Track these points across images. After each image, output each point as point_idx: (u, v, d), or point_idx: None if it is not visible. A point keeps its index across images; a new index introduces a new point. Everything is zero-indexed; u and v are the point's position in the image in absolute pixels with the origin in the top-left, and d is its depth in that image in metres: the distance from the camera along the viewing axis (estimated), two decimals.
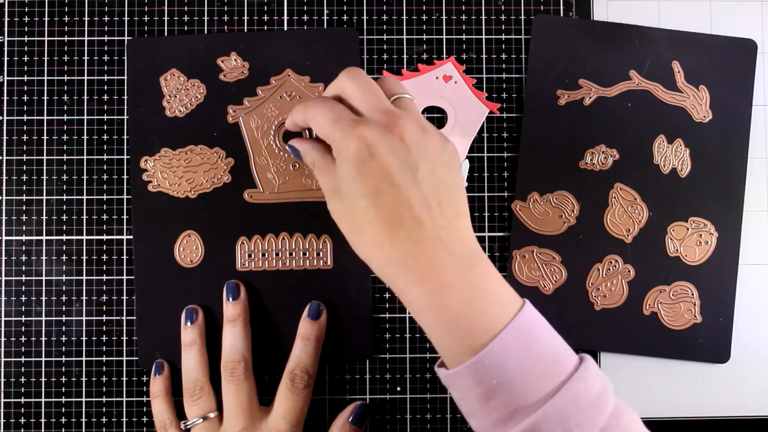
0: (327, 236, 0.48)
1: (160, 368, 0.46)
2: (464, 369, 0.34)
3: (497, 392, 0.33)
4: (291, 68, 0.48)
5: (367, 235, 0.35)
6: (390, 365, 0.48)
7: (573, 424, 0.32)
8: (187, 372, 0.45)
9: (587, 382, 0.33)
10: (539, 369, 0.33)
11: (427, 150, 0.36)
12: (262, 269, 0.47)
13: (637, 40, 0.48)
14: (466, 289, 0.34)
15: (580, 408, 0.33)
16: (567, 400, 0.33)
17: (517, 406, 0.33)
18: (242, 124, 0.48)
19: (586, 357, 0.35)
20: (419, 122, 0.37)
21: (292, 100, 0.48)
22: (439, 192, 0.36)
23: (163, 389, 0.46)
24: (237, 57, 0.48)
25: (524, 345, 0.34)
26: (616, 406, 0.34)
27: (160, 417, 0.45)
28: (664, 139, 0.48)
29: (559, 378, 0.33)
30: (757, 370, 0.48)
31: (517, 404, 0.33)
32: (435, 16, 0.49)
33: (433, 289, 0.34)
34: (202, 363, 0.45)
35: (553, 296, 0.48)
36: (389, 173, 0.35)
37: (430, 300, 0.34)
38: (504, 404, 0.33)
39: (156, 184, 0.47)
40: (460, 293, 0.34)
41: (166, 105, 0.48)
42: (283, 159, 0.48)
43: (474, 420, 0.36)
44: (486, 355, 0.33)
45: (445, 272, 0.34)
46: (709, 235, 0.48)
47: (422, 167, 0.35)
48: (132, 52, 0.48)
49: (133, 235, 0.47)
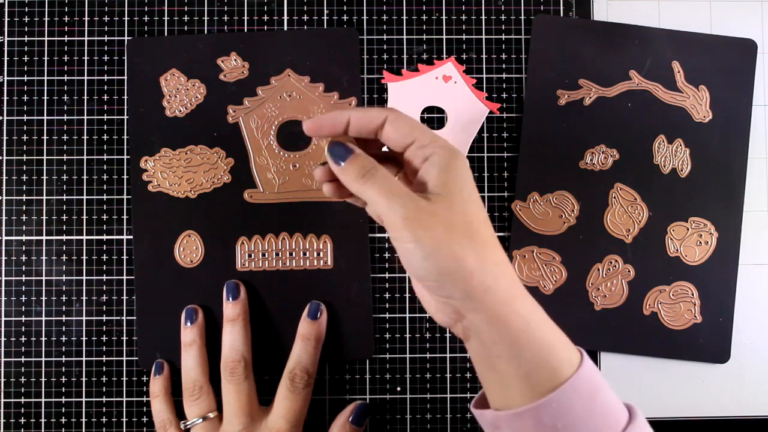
0: (327, 236, 0.48)
1: (159, 368, 0.46)
2: (528, 410, 0.32)
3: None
4: (291, 68, 0.48)
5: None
6: (390, 365, 0.48)
7: None
8: (186, 372, 0.45)
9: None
10: (601, 418, 0.33)
11: None
12: (262, 269, 0.47)
13: (637, 40, 0.48)
14: (542, 315, 0.34)
15: None
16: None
17: None
18: (242, 124, 0.48)
19: (637, 412, 0.34)
20: None
21: (291, 100, 0.48)
22: None
23: (163, 389, 0.46)
24: (237, 57, 0.48)
25: (590, 393, 0.33)
26: None
27: (159, 417, 0.45)
28: (664, 139, 0.48)
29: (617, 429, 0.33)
30: (757, 370, 0.48)
31: None
32: (435, 16, 0.49)
33: (533, 309, 0.34)
34: (201, 363, 0.45)
35: (553, 296, 0.48)
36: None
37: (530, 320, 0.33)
38: None
39: (156, 184, 0.47)
40: (539, 314, 0.34)
41: (166, 105, 0.48)
42: (283, 159, 0.48)
43: None
44: (554, 398, 0.32)
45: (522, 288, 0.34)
46: (709, 235, 0.48)
47: None
48: (132, 52, 0.48)
49: (133, 235, 0.47)
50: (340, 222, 0.48)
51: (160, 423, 0.45)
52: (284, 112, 0.48)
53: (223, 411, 0.44)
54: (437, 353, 0.48)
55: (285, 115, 0.48)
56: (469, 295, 0.33)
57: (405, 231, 0.32)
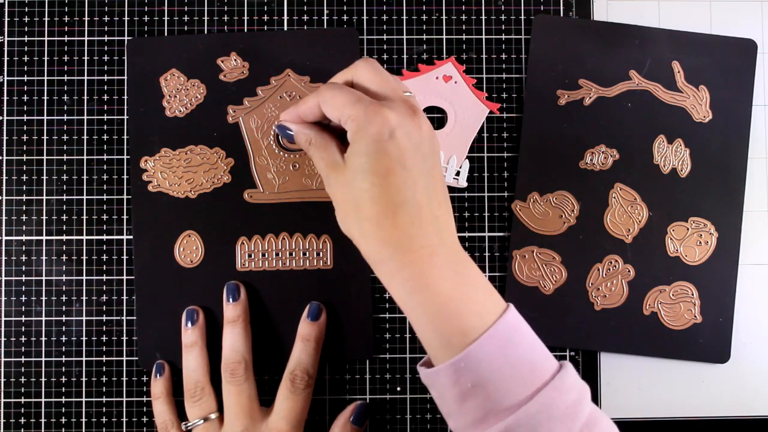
0: (327, 236, 0.48)
1: (160, 369, 0.46)
2: (442, 369, 0.35)
3: (472, 394, 0.34)
4: (291, 68, 0.48)
5: (367, 211, 0.36)
6: (390, 365, 0.48)
7: (544, 431, 0.33)
8: (188, 373, 0.45)
9: (562, 391, 0.34)
10: (515, 375, 0.34)
11: (434, 146, 0.38)
12: (262, 269, 0.47)
13: (637, 40, 0.48)
14: (456, 279, 0.35)
15: (552, 416, 0.33)
16: (540, 407, 0.33)
17: (490, 410, 0.34)
18: (242, 124, 0.48)
19: (566, 365, 0.36)
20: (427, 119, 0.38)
21: (291, 100, 0.48)
22: (438, 186, 0.37)
23: (164, 390, 0.46)
24: (237, 57, 0.48)
25: (502, 351, 0.34)
26: (591, 415, 0.34)
27: (161, 418, 0.45)
28: (664, 139, 0.48)
29: (535, 385, 0.34)
30: (757, 370, 0.48)
31: (491, 408, 0.34)
32: (435, 16, 0.49)
33: (426, 273, 0.35)
34: (203, 364, 0.45)
35: (553, 296, 0.48)
36: (404, 157, 0.36)
37: (421, 282, 0.35)
38: (478, 407, 0.34)
39: (156, 184, 0.47)
40: (450, 281, 0.35)
41: (166, 105, 0.48)
42: (283, 159, 0.48)
43: (451, 420, 0.36)
44: (463, 358, 0.34)
45: (438, 258, 0.35)
46: (709, 235, 0.48)
47: (430, 159, 0.37)
48: (132, 52, 0.48)
49: (133, 235, 0.47)
50: None
51: (162, 424, 0.45)
52: None
53: (224, 412, 0.44)
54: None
55: None
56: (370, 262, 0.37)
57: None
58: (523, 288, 0.48)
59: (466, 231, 0.48)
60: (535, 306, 0.47)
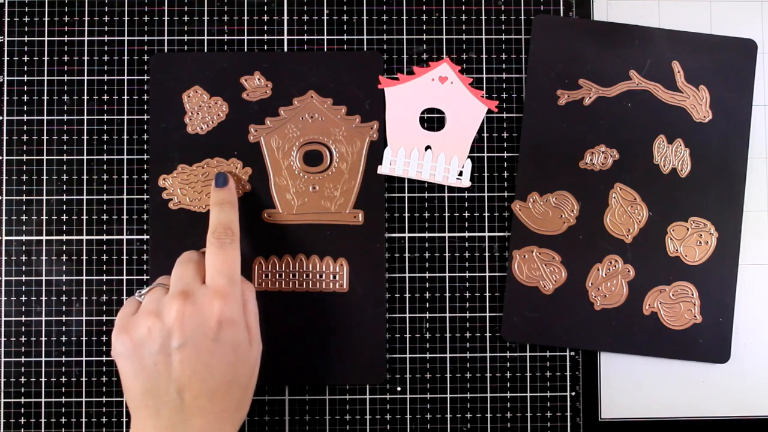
0: (344, 259, 0.47)
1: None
2: None
3: None
4: (314, 90, 0.48)
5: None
6: (390, 365, 0.48)
7: None
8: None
9: None
10: None
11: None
12: (278, 290, 0.47)
13: (637, 40, 0.48)
14: None
15: None
16: None
17: None
18: (263, 144, 0.48)
19: None
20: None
21: (314, 121, 0.48)
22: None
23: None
24: (261, 76, 0.48)
25: None
26: None
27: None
28: (664, 139, 0.48)
29: None
30: (757, 370, 0.48)
31: None
32: (435, 16, 0.49)
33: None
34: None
35: (553, 296, 0.48)
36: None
37: None
38: None
39: (177, 201, 0.47)
40: None
41: (188, 122, 0.47)
42: (303, 180, 0.47)
43: None
44: None
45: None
46: (709, 235, 0.48)
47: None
48: (155, 68, 0.48)
49: (149, 253, 0.47)
50: (358, 245, 0.47)
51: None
52: (306, 134, 0.48)
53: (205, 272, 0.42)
54: (437, 353, 0.48)
55: (306, 136, 0.48)
56: None
57: None
58: (523, 288, 0.48)
59: (466, 231, 0.48)
60: (535, 306, 0.47)
